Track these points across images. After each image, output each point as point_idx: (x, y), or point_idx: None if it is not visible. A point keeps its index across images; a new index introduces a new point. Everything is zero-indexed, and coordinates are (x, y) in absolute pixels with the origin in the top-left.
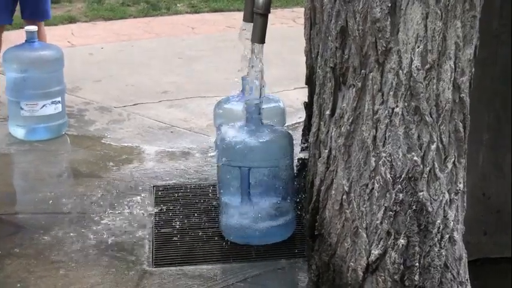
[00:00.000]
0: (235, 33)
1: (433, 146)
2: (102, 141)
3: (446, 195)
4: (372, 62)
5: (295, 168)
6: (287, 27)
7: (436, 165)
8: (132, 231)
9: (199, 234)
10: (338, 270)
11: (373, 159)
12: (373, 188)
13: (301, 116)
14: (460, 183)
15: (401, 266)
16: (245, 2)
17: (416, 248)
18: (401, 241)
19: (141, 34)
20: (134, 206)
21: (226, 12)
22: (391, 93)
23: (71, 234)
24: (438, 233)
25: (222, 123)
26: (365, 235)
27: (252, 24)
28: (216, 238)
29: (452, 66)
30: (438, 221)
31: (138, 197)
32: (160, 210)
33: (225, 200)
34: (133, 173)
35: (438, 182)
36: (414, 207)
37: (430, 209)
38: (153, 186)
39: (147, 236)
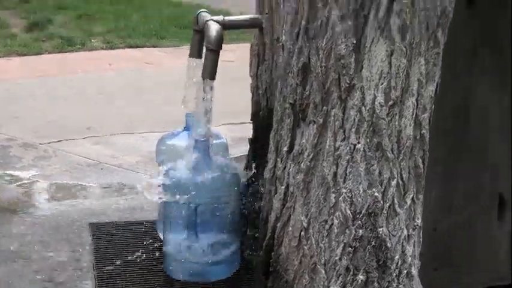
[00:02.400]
0: (154, 70)
1: (393, 182)
2: (31, 178)
3: (405, 231)
4: (335, 99)
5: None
6: None
7: (396, 201)
8: (72, 269)
9: (143, 271)
10: None
11: (333, 195)
12: (332, 224)
13: (233, 152)
14: (418, 218)
15: None
16: (192, 38)
17: (375, 284)
18: (360, 277)
19: (58, 70)
20: (72, 243)
21: (142, 48)
22: (353, 129)
23: (12, 271)
24: (396, 268)
25: (164, 160)
26: (323, 271)
27: (197, 60)
28: (161, 276)
29: (415, 102)
30: (396, 257)
31: (75, 235)
32: (99, 248)
33: (170, 237)
34: (67, 211)
35: (397, 218)
36: (373, 243)
37: (389, 245)
38: (89, 224)
39: (89, 275)
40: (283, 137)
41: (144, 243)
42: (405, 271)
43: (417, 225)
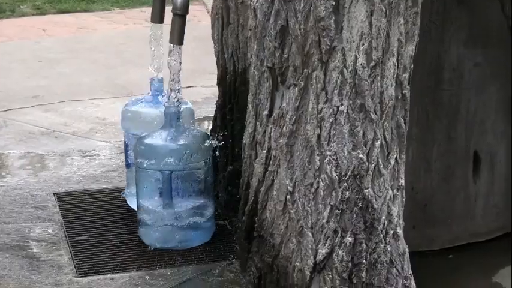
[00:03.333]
0: (89, 35)
1: (377, 143)
2: None
3: (390, 192)
4: (315, 61)
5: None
6: (142, 27)
7: (380, 162)
8: (45, 240)
9: (117, 240)
10: (283, 271)
11: (318, 158)
12: (318, 187)
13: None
14: (401, 178)
15: (349, 263)
16: (153, 3)
17: (363, 245)
18: (349, 239)
19: None
20: (40, 214)
21: (74, 13)
22: (336, 91)
23: None
24: (383, 229)
25: (130, 126)
26: (311, 234)
27: (159, 25)
28: (136, 244)
29: (395, 63)
30: (383, 218)
31: (42, 205)
32: (69, 217)
33: (144, 204)
34: (29, 181)
35: (382, 179)
36: (360, 204)
37: (375, 206)
38: (54, 194)
39: (63, 245)
40: (262, 101)
41: (114, 211)
42: (391, 231)
43: (401, 185)
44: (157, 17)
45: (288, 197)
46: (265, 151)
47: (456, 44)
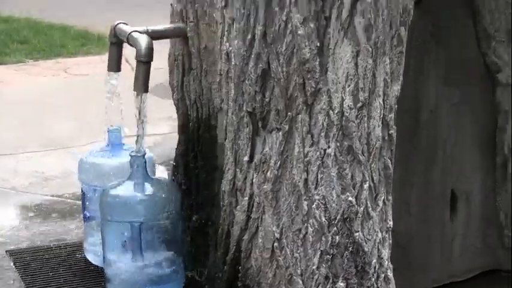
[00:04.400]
0: (6, 89)
1: (366, 185)
2: None
3: (379, 234)
4: (300, 104)
5: None
6: (62, 78)
7: (369, 204)
8: None
9: None
10: None
11: (306, 202)
12: (306, 233)
13: None
14: (389, 220)
15: None
16: (109, 51)
17: None
18: (341, 284)
19: None
20: None
21: None
22: (322, 134)
23: None
24: (375, 272)
25: (86, 179)
26: (301, 282)
27: (116, 73)
28: None
29: (382, 103)
30: (374, 261)
31: None
32: (27, 275)
33: (111, 258)
34: None
35: (371, 221)
36: (351, 248)
37: (366, 249)
38: (6, 251)
39: None
40: (241, 147)
41: (74, 267)
42: (383, 275)
43: (389, 227)
44: (114, 66)
45: (276, 244)
46: (246, 198)
47: (434, 83)
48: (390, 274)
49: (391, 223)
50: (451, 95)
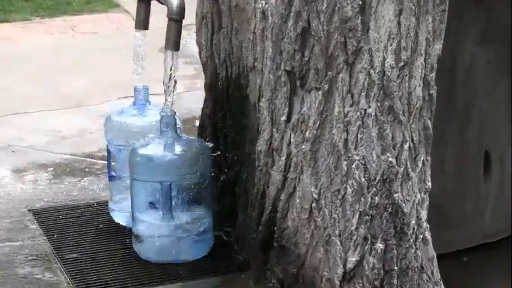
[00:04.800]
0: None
1: (406, 146)
2: None
3: (418, 195)
4: (340, 63)
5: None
6: (70, 36)
7: (409, 165)
8: (33, 259)
9: (110, 257)
10: (309, 281)
11: (345, 163)
12: (345, 193)
13: None
14: (428, 181)
15: (381, 271)
16: (137, 9)
17: (394, 252)
18: (379, 245)
19: None
20: (20, 232)
21: None
22: (363, 94)
23: None
24: (413, 234)
25: (113, 137)
26: (339, 242)
27: (143, 32)
28: (132, 260)
29: (423, 62)
30: (412, 222)
31: (20, 223)
32: (51, 234)
33: (140, 217)
34: None
35: (411, 182)
36: (390, 209)
37: (405, 210)
38: (29, 210)
39: (54, 264)
40: (278, 106)
41: (98, 226)
42: (421, 236)
43: (428, 187)
44: (142, 24)
45: (314, 204)
46: (283, 158)
47: (470, 42)
48: (428, 235)
49: (429, 184)
50: (487, 54)
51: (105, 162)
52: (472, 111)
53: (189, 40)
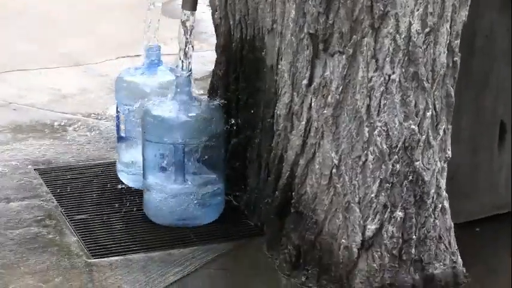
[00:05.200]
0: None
1: (428, 113)
2: None
3: (439, 164)
4: (366, 27)
5: None
6: None
7: (430, 133)
8: (42, 220)
9: (120, 219)
10: (327, 248)
11: (367, 129)
12: (366, 160)
13: None
14: (448, 150)
15: (400, 239)
16: None
17: (413, 220)
18: (399, 213)
19: None
20: (27, 192)
21: None
22: (388, 59)
23: None
24: (432, 203)
25: (124, 97)
26: (358, 210)
27: None
28: (142, 222)
29: (448, 29)
30: (432, 191)
31: (26, 182)
32: (59, 195)
33: (152, 180)
34: (4, 157)
35: (431, 150)
36: (410, 177)
37: (426, 179)
38: (35, 169)
39: (63, 225)
40: (299, 70)
41: (106, 187)
42: (440, 205)
43: (448, 156)
44: None
45: (334, 170)
46: (303, 122)
47: (490, 8)
48: (447, 204)
49: (449, 153)
50: (507, 21)
51: (108, 122)
52: (489, 79)
53: None
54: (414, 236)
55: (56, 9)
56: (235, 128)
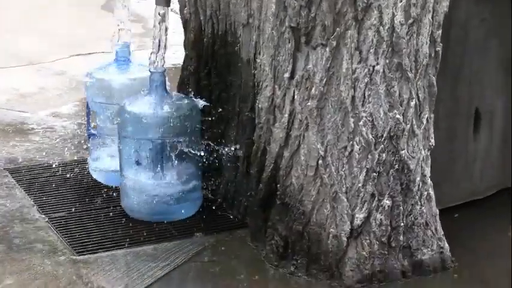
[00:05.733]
0: None
1: (412, 103)
2: None
3: (423, 152)
4: (349, 20)
5: None
6: None
7: (414, 122)
8: (21, 218)
9: (98, 215)
10: (315, 238)
11: (352, 120)
12: (352, 150)
13: None
14: (431, 138)
15: (388, 227)
16: None
17: (400, 208)
18: (386, 202)
19: None
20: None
21: None
22: (372, 50)
23: None
24: (418, 190)
25: (94, 94)
26: (345, 199)
27: None
28: (121, 218)
29: (431, 19)
30: (418, 179)
31: None
32: (33, 193)
33: (130, 176)
34: None
35: (416, 139)
36: (396, 166)
37: (411, 167)
38: (5, 169)
39: (44, 224)
40: (281, 63)
41: (79, 185)
42: (425, 192)
43: (431, 145)
44: None
45: (320, 161)
46: (286, 115)
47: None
48: (432, 192)
49: (433, 141)
50: (481, 12)
51: (70, 120)
52: (463, 68)
53: None
54: (402, 223)
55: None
56: (208, 123)
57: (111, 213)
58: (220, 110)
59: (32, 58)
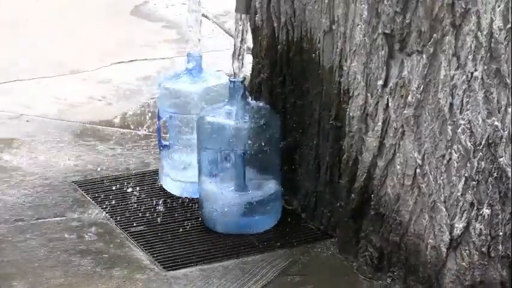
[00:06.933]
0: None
1: (510, 109)
2: None
3: None
4: (446, 25)
5: None
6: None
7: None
8: (99, 233)
9: (178, 228)
10: (413, 249)
11: (450, 127)
12: (451, 158)
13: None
14: None
15: (488, 236)
16: None
17: (499, 217)
18: (486, 211)
19: None
20: (73, 205)
21: None
22: (470, 57)
23: (31, 243)
24: None
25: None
26: (444, 209)
27: None
28: (203, 231)
29: None
30: None
31: (67, 197)
32: (107, 207)
33: (210, 187)
34: (35, 171)
35: None
36: (495, 174)
37: (509, 175)
38: (73, 182)
39: (122, 238)
40: (373, 71)
41: (152, 197)
42: None
43: None
44: None
45: (418, 170)
46: (380, 123)
47: None
48: None
49: None
50: None
51: (126, 130)
52: None
53: (158, 3)
54: (501, 232)
55: (40, 15)
56: (283, 132)
57: (189, 226)
58: (295, 117)
59: (73, 67)
